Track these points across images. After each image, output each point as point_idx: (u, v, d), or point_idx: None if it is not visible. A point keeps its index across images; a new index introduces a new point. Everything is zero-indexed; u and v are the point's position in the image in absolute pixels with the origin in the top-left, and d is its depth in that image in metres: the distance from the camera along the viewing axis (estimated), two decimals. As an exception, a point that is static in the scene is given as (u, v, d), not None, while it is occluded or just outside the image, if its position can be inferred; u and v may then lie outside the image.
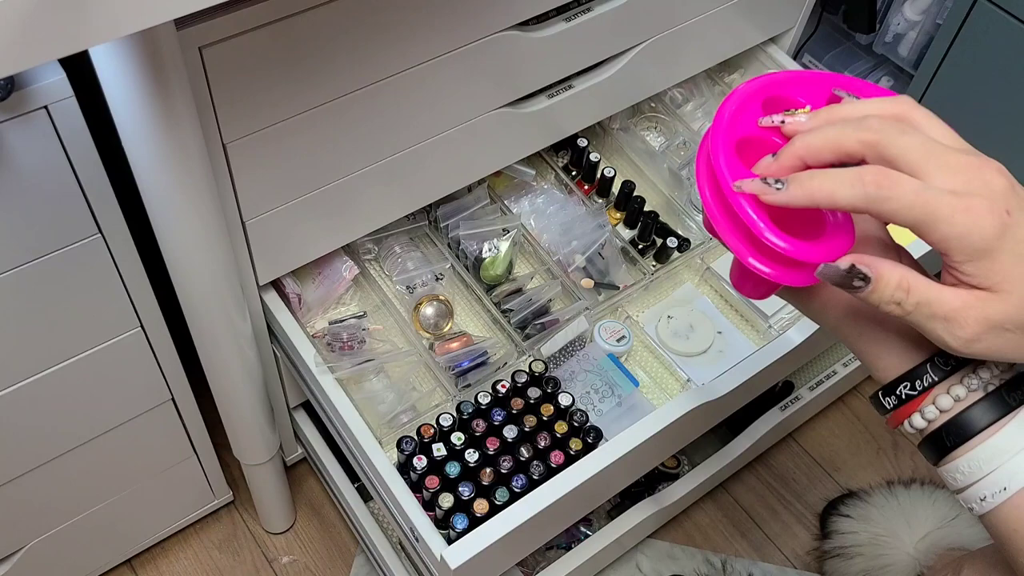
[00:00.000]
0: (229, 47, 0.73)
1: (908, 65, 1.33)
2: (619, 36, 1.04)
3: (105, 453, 1.03)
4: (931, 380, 0.53)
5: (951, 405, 0.53)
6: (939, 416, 0.53)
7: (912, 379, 0.54)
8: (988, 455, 0.52)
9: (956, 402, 0.53)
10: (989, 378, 0.53)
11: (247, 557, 1.30)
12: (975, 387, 0.53)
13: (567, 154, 1.19)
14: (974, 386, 0.53)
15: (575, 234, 1.11)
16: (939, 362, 0.53)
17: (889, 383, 0.55)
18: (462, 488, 0.92)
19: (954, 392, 0.53)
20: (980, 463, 0.52)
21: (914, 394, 0.54)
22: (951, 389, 0.53)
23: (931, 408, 0.53)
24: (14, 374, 0.88)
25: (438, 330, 1.06)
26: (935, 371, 0.53)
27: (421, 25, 0.83)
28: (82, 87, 0.72)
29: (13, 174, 0.73)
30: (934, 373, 0.53)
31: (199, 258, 0.83)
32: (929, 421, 0.54)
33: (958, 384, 0.53)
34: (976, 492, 0.53)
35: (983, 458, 0.52)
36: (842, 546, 1.25)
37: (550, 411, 0.98)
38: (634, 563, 1.31)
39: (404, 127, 0.92)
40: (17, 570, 1.07)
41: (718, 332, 1.10)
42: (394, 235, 1.10)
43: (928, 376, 0.53)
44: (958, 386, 0.53)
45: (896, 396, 0.55)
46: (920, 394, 0.54)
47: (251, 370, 1.00)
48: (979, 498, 0.53)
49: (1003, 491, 0.52)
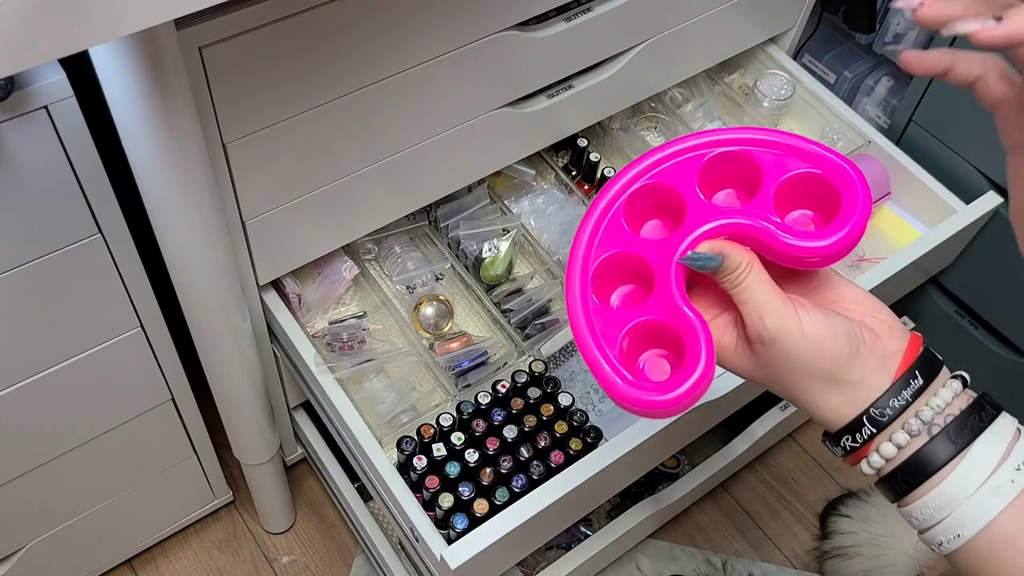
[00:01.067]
0: (229, 47, 0.73)
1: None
2: (619, 36, 1.04)
3: (105, 453, 1.03)
4: (870, 432, 0.53)
5: (895, 453, 0.53)
6: (886, 464, 0.53)
7: (852, 432, 0.54)
8: (940, 503, 0.52)
9: (900, 449, 0.53)
10: (932, 418, 0.52)
11: (247, 557, 1.30)
12: (916, 431, 0.52)
13: (567, 154, 1.19)
14: (915, 430, 0.52)
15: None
16: (875, 413, 0.53)
17: (832, 435, 0.55)
18: (462, 488, 0.92)
19: (896, 439, 0.53)
20: (931, 511, 0.52)
21: (857, 445, 0.54)
22: (893, 436, 0.53)
23: (876, 457, 0.53)
24: (14, 374, 0.88)
25: (438, 330, 1.06)
26: (873, 424, 0.53)
27: (421, 25, 0.83)
28: (82, 87, 0.72)
29: (13, 174, 0.73)
30: (872, 425, 0.53)
31: (199, 258, 0.83)
32: (877, 469, 0.54)
33: (900, 431, 0.52)
34: (933, 537, 0.53)
35: (934, 506, 0.52)
36: (842, 546, 1.25)
37: (550, 411, 0.98)
38: (634, 563, 1.31)
39: (404, 127, 0.92)
40: (17, 570, 1.07)
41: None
42: (394, 235, 1.10)
43: (867, 428, 0.53)
44: (900, 432, 0.52)
45: (841, 447, 0.55)
46: (863, 445, 0.54)
47: (251, 370, 1.00)
48: (936, 543, 0.53)
49: (957, 537, 0.51)
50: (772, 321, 0.53)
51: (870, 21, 1.32)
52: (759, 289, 0.54)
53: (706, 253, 0.56)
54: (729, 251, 0.56)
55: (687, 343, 0.56)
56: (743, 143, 0.59)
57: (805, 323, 0.53)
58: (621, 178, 0.60)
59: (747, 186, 0.60)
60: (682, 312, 0.56)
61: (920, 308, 1.33)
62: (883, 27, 1.32)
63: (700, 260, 0.56)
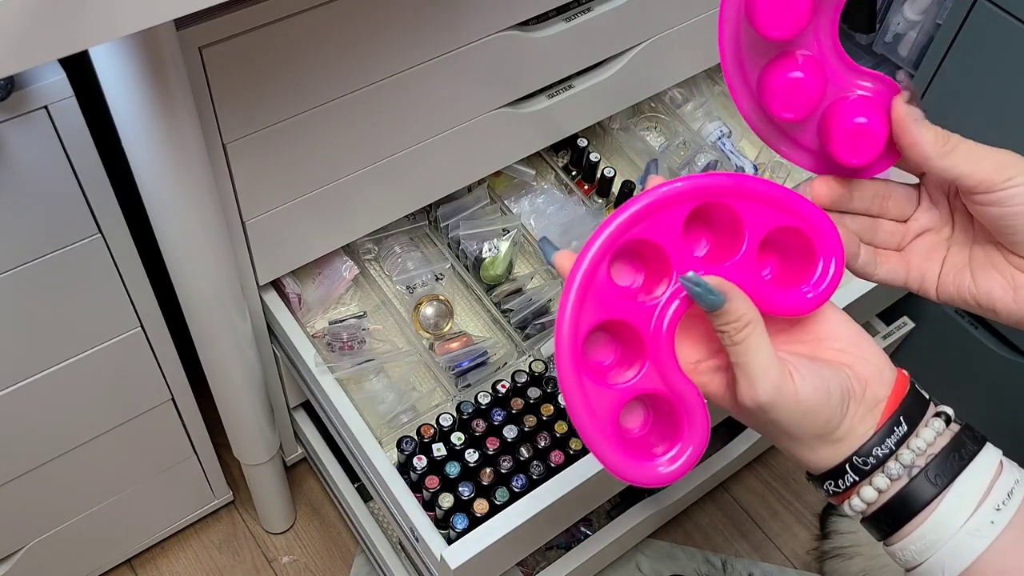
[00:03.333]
0: (229, 47, 0.73)
1: (908, 65, 1.33)
2: (619, 36, 1.04)
3: (105, 453, 1.03)
4: (852, 479, 0.53)
5: (875, 497, 0.52)
6: (867, 508, 0.53)
7: (834, 478, 0.53)
8: (922, 545, 0.51)
9: (880, 493, 0.52)
10: (912, 460, 0.52)
11: (247, 557, 1.30)
12: (896, 475, 0.52)
13: (567, 154, 1.19)
14: (895, 474, 0.52)
15: (575, 234, 1.11)
16: (858, 462, 0.52)
17: (815, 479, 0.55)
18: (462, 488, 0.92)
19: (876, 483, 0.52)
20: (914, 553, 0.52)
21: (839, 491, 0.53)
22: (873, 480, 0.52)
23: (857, 501, 0.53)
24: (14, 374, 0.88)
25: (438, 330, 1.06)
26: (854, 471, 0.52)
27: (421, 25, 0.83)
28: (82, 87, 0.72)
29: (13, 174, 0.73)
30: (854, 472, 0.52)
31: (199, 258, 0.83)
32: (859, 512, 0.54)
33: (880, 474, 0.52)
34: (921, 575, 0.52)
35: (916, 549, 0.52)
36: (842, 546, 1.25)
37: (550, 411, 0.98)
38: (634, 563, 1.31)
39: (404, 127, 0.92)
40: (17, 570, 1.07)
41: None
42: (394, 235, 1.10)
43: (848, 476, 0.53)
44: (880, 476, 0.52)
45: (825, 491, 0.55)
46: (845, 491, 0.53)
47: (251, 370, 1.00)
48: None
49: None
50: (766, 392, 0.51)
51: (870, 21, 1.32)
52: (758, 354, 0.51)
53: (709, 285, 0.52)
54: (735, 296, 0.52)
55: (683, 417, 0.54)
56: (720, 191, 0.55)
57: (800, 393, 0.51)
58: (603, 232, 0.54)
59: (727, 236, 0.57)
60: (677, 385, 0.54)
61: (920, 308, 1.33)
62: (883, 27, 1.32)
63: (701, 289, 0.52)
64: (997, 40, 1.14)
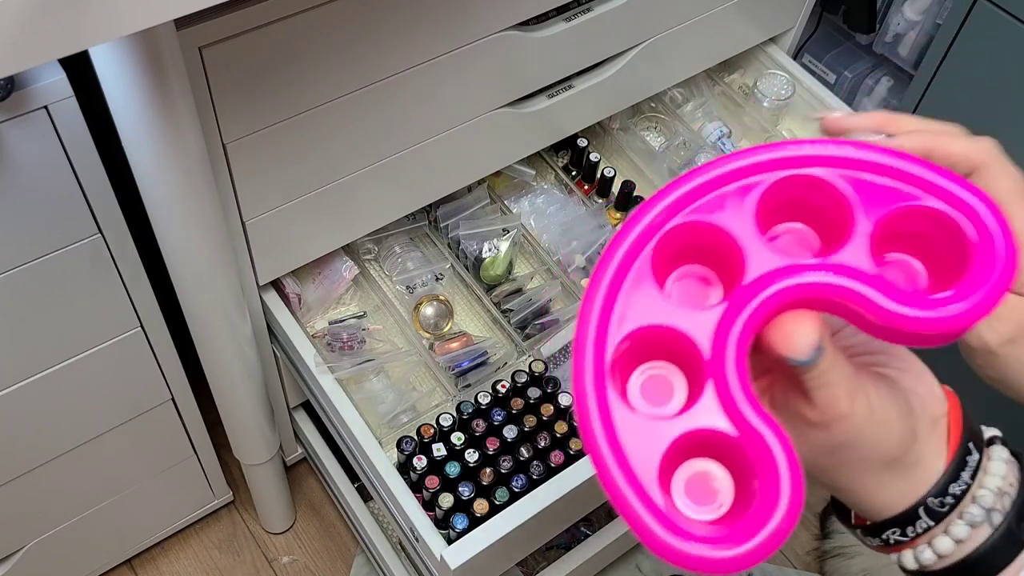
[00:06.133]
0: (229, 47, 0.73)
1: (908, 65, 1.33)
2: (619, 36, 1.04)
3: (105, 453, 1.03)
4: (927, 525, 0.43)
5: (952, 549, 0.43)
6: (938, 561, 0.44)
7: (903, 524, 0.44)
8: None
9: (958, 544, 0.43)
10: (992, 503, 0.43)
11: (247, 557, 1.30)
12: (978, 520, 0.43)
13: (567, 154, 1.19)
14: (977, 520, 0.43)
15: (575, 234, 1.11)
16: (933, 504, 0.43)
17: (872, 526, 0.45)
18: (462, 488, 0.92)
19: (954, 532, 0.43)
20: None
21: (905, 540, 0.44)
22: (950, 529, 0.43)
23: (927, 553, 0.44)
24: (14, 374, 0.88)
25: (438, 330, 1.06)
26: (931, 515, 0.43)
27: (421, 25, 0.83)
28: (82, 87, 0.72)
29: (13, 174, 0.73)
30: (930, 517, 0.43)
31: (199, 258, 0.83)
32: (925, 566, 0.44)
33: (958, 521, 0.43)
34: None
35: None
36: (842, 546, 1.25)
37: (550, 411, 0.98)
38: (634, 563, 1.31)
39: (404, 127, 0.92)
40: (17, 570, 1.07)
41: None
42: (394, 235, 1.10)
43: (923, 522, 0.43)
44: (958, 524, 0.43)
45: (882, 540, 0.45)
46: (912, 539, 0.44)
47: (251, 370, 1.00)
48: None
49: None
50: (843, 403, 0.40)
51: (870, 21, 1.32)
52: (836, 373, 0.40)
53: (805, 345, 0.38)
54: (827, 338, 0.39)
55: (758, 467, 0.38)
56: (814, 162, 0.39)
57: (875, 403, 0.41)
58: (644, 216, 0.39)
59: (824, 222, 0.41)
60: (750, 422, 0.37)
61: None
62: (883, 27, 1.32)
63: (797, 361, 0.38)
64: (997, 40, 1.14)
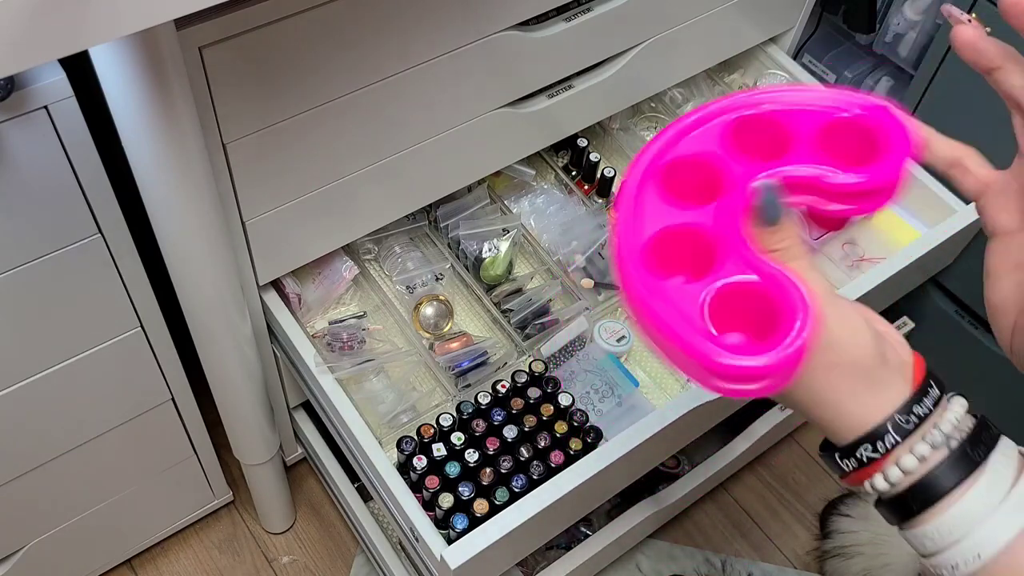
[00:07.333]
0: (229, 47, 0.73)
1: (908, 65, 1.33)
2: (619, 36, 1.04)
3: (105, 453, 1.03)
4: (894, 440, 0.48)
5: (915, 466, 0.48)
6: (903, 478, 0.49)
7: (873, 440, 0.49)
8: (958, 522, 0.47)
9: (921, 462, 0.48)
10: (951, 431, 0.48)
11: (247, 557, 1.30)
12: (938, 443, 0.48)
13: (567, 154, 1.19)
14: (937, 442, 0.48)
15: (575, 234, 1.11)
16: (900, 420, 0.48)
17: (848, 444, 0.50)
18: (462, 488, 0.92)
19: (918, 451, 0.48)
20: (950, 529, 0.48)
21: (876, 456, 0.49)
22: (915, 448, 0.48)
23: (894, 470, 0.49)
24: (14, 374, 0.88)
25: (438, 330, 1.06)
26: (897, 431, 0.48)
27: (421, 25, 0.83)
28: (82, 87, 0.72)
29: (13, 174, 0.73)
30: (897, 433, 0.48)
31: (199, 258, 0.83)
32: (892, 484, 0.49)
33: (921, 442, 0.48)
34: (947, 559, 0.48)
35: (952, 525, 0.48)
36: (842, 546, 1.25)
37: (550, 411, 0.98)
38: (634, 563, 1.31)
39: (404, 127, 0.92)
40: (17, 570, 1.07)
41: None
42: (394, 235, 1.10)
43: (891, 436, 0.48)
44: (921, 444, 0.48)
45: (856, 459, 0.50)
46: (883, 455, 0.49)
47: (251, 370, 1.00)
48: (951, 565, 0.48)
49: (977, 558, 0.47)
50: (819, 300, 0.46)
51: (870, 21, 1.32)
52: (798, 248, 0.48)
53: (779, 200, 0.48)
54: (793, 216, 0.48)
55: (779, 301, 0.47)
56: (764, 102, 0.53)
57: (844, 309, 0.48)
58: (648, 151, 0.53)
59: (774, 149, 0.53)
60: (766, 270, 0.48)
61: (920, 308, 1.33)
62: (883, 27, 1.32)
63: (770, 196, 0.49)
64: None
